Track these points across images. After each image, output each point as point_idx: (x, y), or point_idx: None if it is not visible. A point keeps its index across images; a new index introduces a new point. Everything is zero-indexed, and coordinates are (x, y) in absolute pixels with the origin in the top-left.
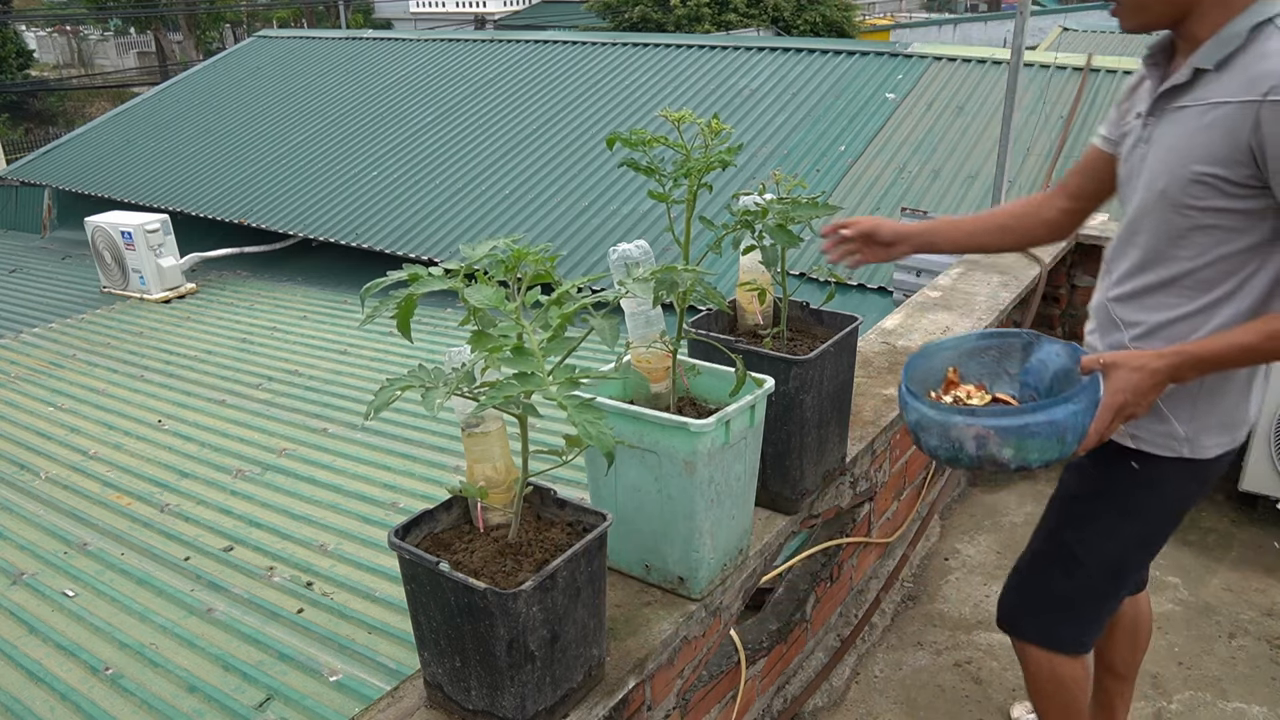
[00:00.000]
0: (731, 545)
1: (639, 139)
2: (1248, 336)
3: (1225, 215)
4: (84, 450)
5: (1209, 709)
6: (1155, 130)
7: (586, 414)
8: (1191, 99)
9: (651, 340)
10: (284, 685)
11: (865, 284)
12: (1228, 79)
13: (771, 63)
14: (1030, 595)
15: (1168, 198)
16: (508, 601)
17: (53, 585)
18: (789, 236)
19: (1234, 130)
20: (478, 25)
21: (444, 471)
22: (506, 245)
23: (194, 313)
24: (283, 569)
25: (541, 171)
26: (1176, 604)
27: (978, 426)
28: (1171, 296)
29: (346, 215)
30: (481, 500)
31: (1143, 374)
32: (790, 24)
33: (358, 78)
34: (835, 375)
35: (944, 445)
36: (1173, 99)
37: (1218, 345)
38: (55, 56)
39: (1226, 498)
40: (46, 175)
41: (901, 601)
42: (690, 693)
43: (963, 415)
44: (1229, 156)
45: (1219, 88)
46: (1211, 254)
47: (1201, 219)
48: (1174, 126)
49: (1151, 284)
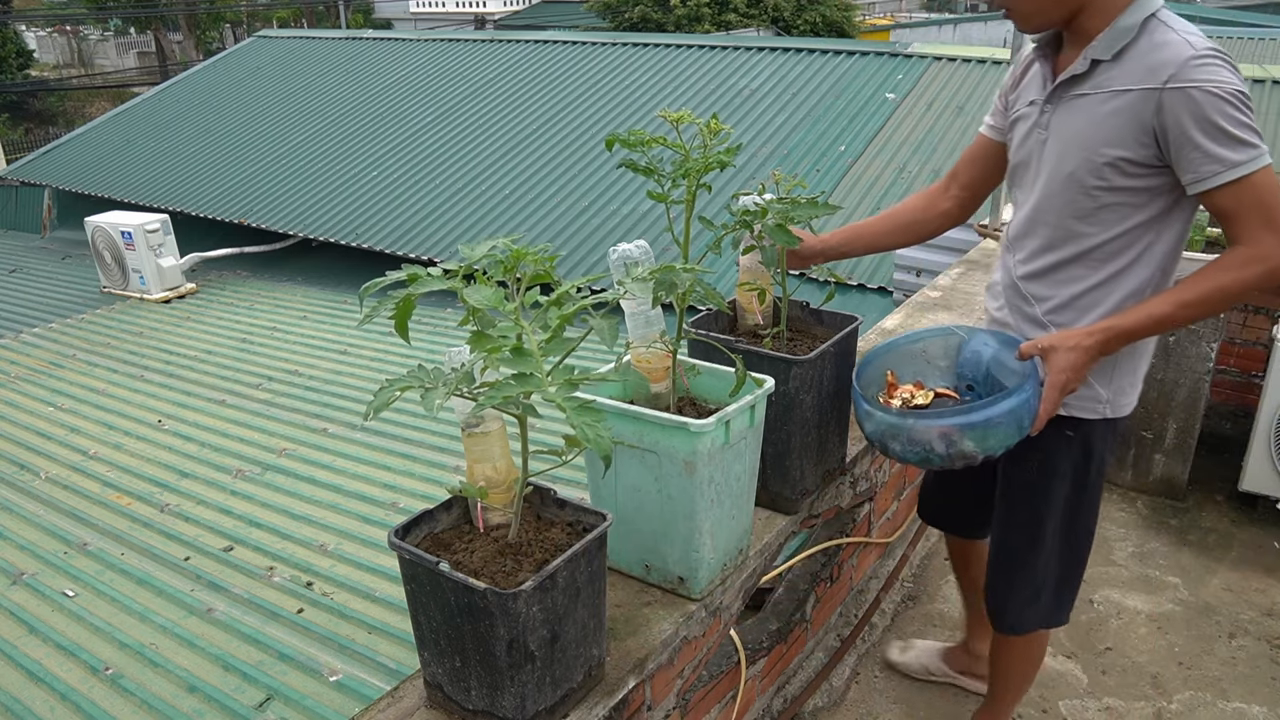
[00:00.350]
0: (731, 545)
1: (638, 139)
2: (1163, 307)
3: (1129, 193)
4: (84, 450)
5: (1209, 709)
6: (1053, 117)
7: (585, 415)
8: (1091, 87)
9: (651, 340)
10: (284, 685)
11: (865, 284)
12: (1125, 68)
13: (771, 63)
14: (1023, 590)
15: (1076, 179)
16: (508, 601)
17: (53, 585)
18: (789, 236)
19: (1138, 115)
20: (478, 25)
21: (444, 471)
22: (505, 245)
23: (194, 313)
24: (283, 569)
25: (541, 171)
26: (1176, 604)
27: (942, 426)
28: (1080, 270)
29: (346, 215)
30: (481, 500)
31: (1078, 352)
32: (790, 24)
33: (358, 78)
34: (835, 375)
35: (912, 449)
36: (1071, 88)
37: (1139, 318)
38: (55, 56)
39: (1226, 498)
40: (46, 175)
41: (901, 601)
42: (690, 693)
43: (928, 418)
44: (1134, 139)
45: (1118, 76)
46: (1116, 229)
47: (1107, 198)
48: (1075, 114)
49: (1060, 260)
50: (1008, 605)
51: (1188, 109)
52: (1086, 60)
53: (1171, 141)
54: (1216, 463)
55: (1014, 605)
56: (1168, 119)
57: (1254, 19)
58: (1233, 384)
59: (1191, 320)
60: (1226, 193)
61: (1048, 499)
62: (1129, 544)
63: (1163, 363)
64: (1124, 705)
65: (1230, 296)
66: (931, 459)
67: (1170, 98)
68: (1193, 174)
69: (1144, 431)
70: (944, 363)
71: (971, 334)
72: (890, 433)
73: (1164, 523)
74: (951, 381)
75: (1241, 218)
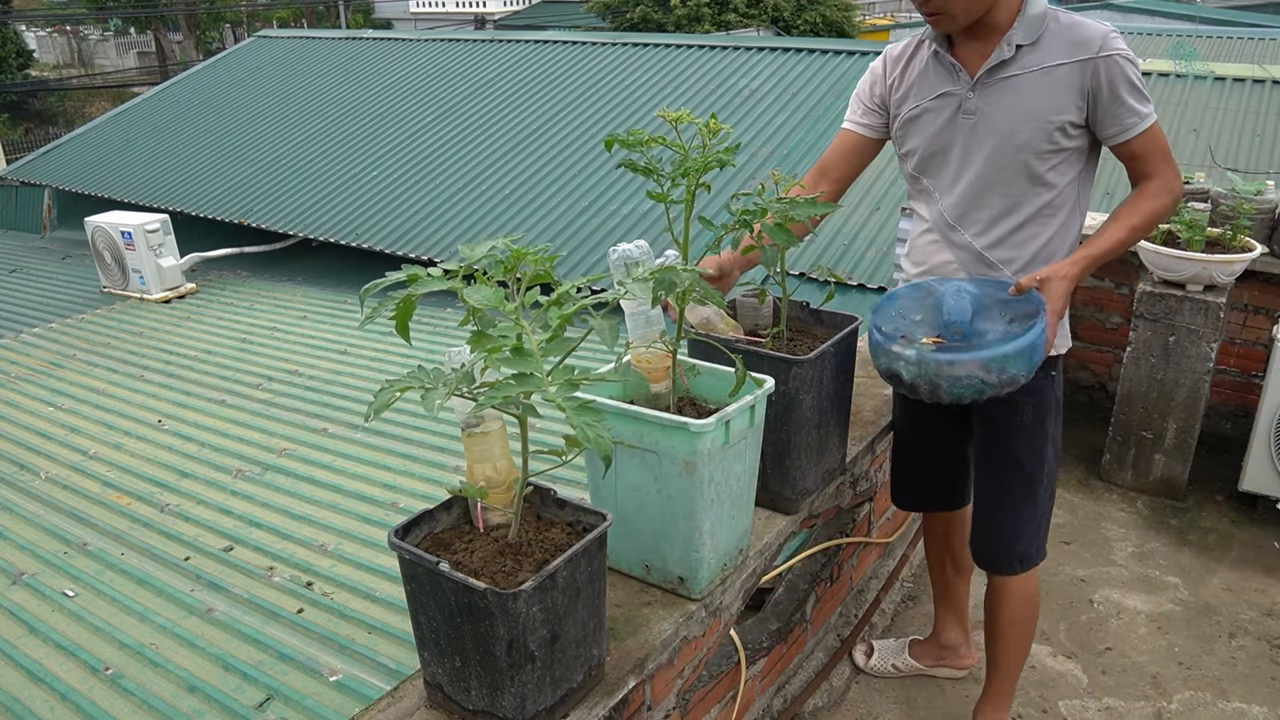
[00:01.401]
0: (731, 545)
1: (636, 140)
2: (1119, 233)
3: (1068, 153)
4: (84, 450)
5: (1209, 709)
6: (980, 101)
7: (584, 416)
8: (1019, 68)
9: (651, 340)
10: (284, 685)
11: (865, 284)
12: (1048, 48)
13: (771, 63)
14: (1029, 523)
15: (1029, 147)
16: (508, 601)
17: (53, 585)
18: (788, 236)
19: (1076, 82)
20: (478, 25)
21: (444, 471)
22: (505, 245)
23: (194, 313)
24: (283, 569)
25: (541, 171)
26: (1176, 604)
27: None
28: (1036, 227)
29: (346, 215)
30: (481, 500)
31: (1068, 281)
32: (790, 24)
33: (358, 78)
34: (835, 375)
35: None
36: (996, 72)
37: (1104, 245)
38: (55, 56)
39: (1226, 498)
40: (46, 175)
41: (901, 601)
42: (690, 693)
43: (979, 350)
44: (1073, 104)
45: (1044, 55)
46: (1059, 185)
47: (1054, 159)
48: (1009, 93)
49: (1020, 222)
50: (1016, 543)
51: (1117, 72)
52: (1012, 46)
53: (1101, 101)
54: (1216, 463)
55: (1023, 540)
56: (1101, 82)
57: (1254, 19)
58: (1233, 384)
59: (1136, 240)
60: (1139, 140)
61: (1045, 436)
62: (1129, 544)
63: (1163, 363)
64: (1124, 705)
65: (1156, 218)
66: (985, 390)
67: (1104, 65)
68: (1117, 126)
69: (1144, 431)
70: (919, 315)
71: (944, 284)
72: (938, 372)
73: (1164, 523)
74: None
75: (1151, 157)
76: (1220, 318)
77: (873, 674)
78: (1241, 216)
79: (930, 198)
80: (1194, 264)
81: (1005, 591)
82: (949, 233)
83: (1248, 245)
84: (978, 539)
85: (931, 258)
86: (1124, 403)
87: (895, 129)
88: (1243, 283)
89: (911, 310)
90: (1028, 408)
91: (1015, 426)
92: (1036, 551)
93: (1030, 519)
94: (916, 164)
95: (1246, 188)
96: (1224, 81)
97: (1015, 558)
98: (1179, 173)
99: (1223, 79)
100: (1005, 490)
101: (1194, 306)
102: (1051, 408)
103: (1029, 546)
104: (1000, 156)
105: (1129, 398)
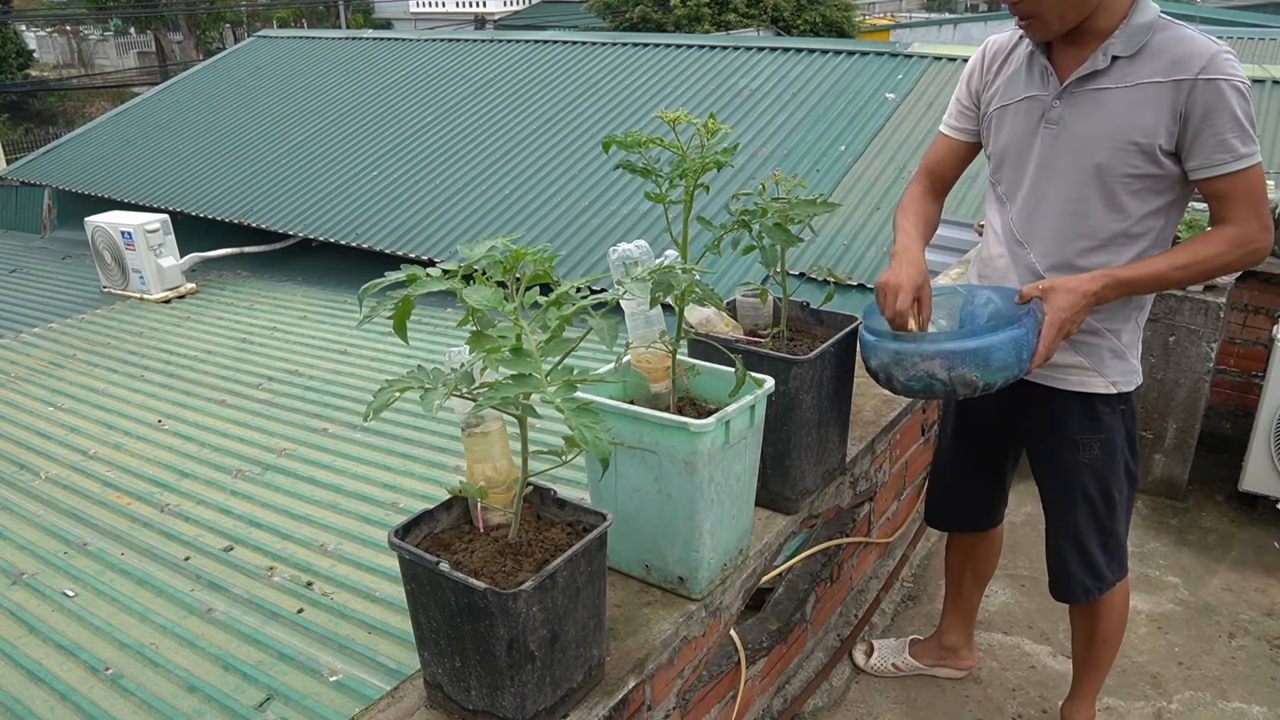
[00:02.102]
0: (731, 545)
1: (634, 140)
2: (1159, 266)
3: (1151, 180)
4: (84, 450)
5: (1209, 709)
6: (1065, 111)
7: (583, 417)
8: (1113, 81)
9: (651, 340)
10: (284, 685)
11: (865, 284)
12: (1147, 62)
13: (771, 63)
14: (1110, 548)
15: (1107, 169)
16: (508, 601)
17: (53, 585)
18: (788, 236)
19: (1171, 104)
20: (478, 25)
21: (444, 471)
22: (505, 245)
23: (194, 313)
24: (283, 569)
25: (541, 171)
26: (1176, 604)
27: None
28: (1105, 255)
29: (346, 215)
30: (481, 500)
31: (1077, 295)
32: (790, 24)
33: (358, 78)
34: (835, 375)
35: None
36: (1087, 82)
37: (1137, 272)
38: (55, 56)
39: (1226, 498)
40: (46, 175)
41: (901, 601)
42: (690, 693)
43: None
44: (1165, 127)
45: (1140, 70)
46: (1138, 214)
47: (1135, 184)
48: (1097, 106)
49: (1088, 248)
50: (1102, 568)
51: (1217, 99)
52: (1107, 56)
53: (1192, 128)
54: (1216, 463)
55: (1106, 563)
56: (1195, 107)
57: (1254, 19)
58: (1233, 384)
59: (1181, 283)
60: (1227, 180)
61: (1115, 470)
62: (1129, 544)
63: (1163, 363)
64: (1124, 705)
65: (1216, 268)
66: (934, 387)
67: (1203, 88)
68: (1202, 159)
69: (1144, 431)
70: (945, 321)
71: (972, 291)
72: (894, 361)
73: (1164, 523)
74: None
75: (1234, 202)
76: (1220, 318)
77: (873, 674)
78: None
79: (1004, 206)
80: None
81: (1105, 605)
82: (1015, 246)
83: None
84: (1058, 576)
85: (994, 270)
86: None
87: (983, 127)
88: (1243, 283)
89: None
90: (1094, 445)
91: (1083, 465)
92: (1120, 569)
93: (1109, 544)
94: (994, 168)
95: None
96: None
97: (1104, 582)
98: (1269, 228)
99: None
100: (1079, 524)
101: (1194, 306)
102: (1120, 443)
103: (1114, 571)
104: (1077, 173)
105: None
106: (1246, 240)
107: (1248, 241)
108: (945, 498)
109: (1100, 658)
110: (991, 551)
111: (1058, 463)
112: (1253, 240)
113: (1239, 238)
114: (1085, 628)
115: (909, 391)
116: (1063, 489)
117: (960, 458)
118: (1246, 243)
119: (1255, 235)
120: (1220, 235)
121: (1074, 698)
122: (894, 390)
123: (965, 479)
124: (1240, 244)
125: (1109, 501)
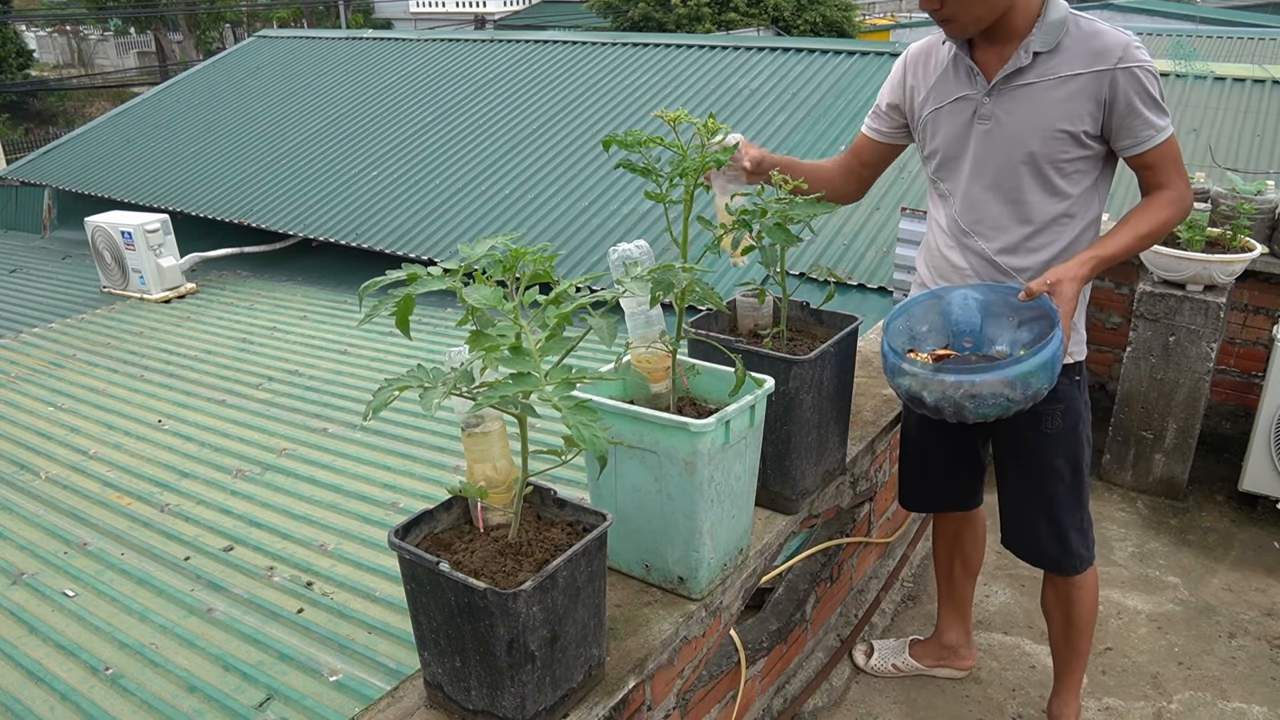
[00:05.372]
0: (731, 545)
1: (634, 140)
2: (1126, 237)
3: (1081, 162)
4: (84, 450)
5: (1209, 709)
6: (996, 107)
7: (580, 415)
8: (1036, 76)
9: (651, 340)
10: (284, 685)
11: (865, 284)
12: (1066, 56)
13: (771, 63)
14: (1079, 524)
15: (1041, 156)
16: (508, 601)
17: (53, 585)
18: (787, 236)
19: (1093, 93)
20: (478, 25)
21: (444, 471)
22: (505, 245)
23: (194, 313)
24: (283, 569)
25: (541, 171)
26: (1176, 604)
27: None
28: (1048, 236)
29: (346, 215)
30: (481, 500)
31: (1077, 282)
32: (790, 24)
33: (358, 78)
34: (835, 375)
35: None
36: (1013, 79)
37: (1113, 248)
38: (55, 56)
39: (1226, 498)
40: (46, 175)
41: (901, 601)
42: (690, 693)
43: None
44: (1089, 114)
45: (1062, 63)
46: (1073, 196)
47: (1068, 169)
48: (1024, 101)
49: (1032, 231)
50: (1072, 544)
51: (1135, 85)
52: (1029, 53)
53: (1117, 112)
54: (1216, 463)
55: (1075, 541)
56: (1119, 93)
57: (1254, 19)
58: (1233, 384)
59: (1144, 248)
60: (1155, 151)
61: (1079, 440)
62: (1129, 544)
63: (1163, 363)
64: (1124, 705)
65: (1166, 228)
66: (1010, 408)
67: (1122, 76)
68: (1132, 139)
69: (1144, 431)
70: (925, 327)
71: (950, 292)
72: (968, 395)
73: (1164, 523)
74: (943, 341)
75: (1164, 168)
76: (1220, 318)
77: (873, 674)
78: (1241, 216)
79: (946, 201)
80: (1194, 264)
81: (1079, 588)
82: (962, 238)
83: (1248, 245)
84: (1035, 550)
85: (945, 262)
86: (1124, 403)
87: (916, 130)
88: (1243, 283)
89: (919, 321)
90: (1056, 415)
91: (1047, 435)
92: (1091, 551)
93: (1079, 521)
94: (935, 167)
95: (1246, 188)
96: (1224, 81)
97: (1074, 561)
98: (1190, 184)
99: (1223, 79)
100: (1051, 501)
101: (1194, 306)
102: (1081, 412)
103: (1084, 549)
104: (1013, 164)
105: (1129, 398)
106: (1181, 197)
107: (1183, 198)
108: (917, 478)
109: (1080, 643)
110: (976, 538)
111: (1022, 437)
112: (1185, 196)
113: (1177, 197)
114: (1063, 610)
115: (982, 418)
116: (1032, 464)
117: (923, 433)
118: (1182, 199)
119: (1185, 192)
120: (1164, 198)
121: (1060, 692)
122: (962, 419)
123: (933, 458)
124: (1178, 201)
125: (1075, 469)
